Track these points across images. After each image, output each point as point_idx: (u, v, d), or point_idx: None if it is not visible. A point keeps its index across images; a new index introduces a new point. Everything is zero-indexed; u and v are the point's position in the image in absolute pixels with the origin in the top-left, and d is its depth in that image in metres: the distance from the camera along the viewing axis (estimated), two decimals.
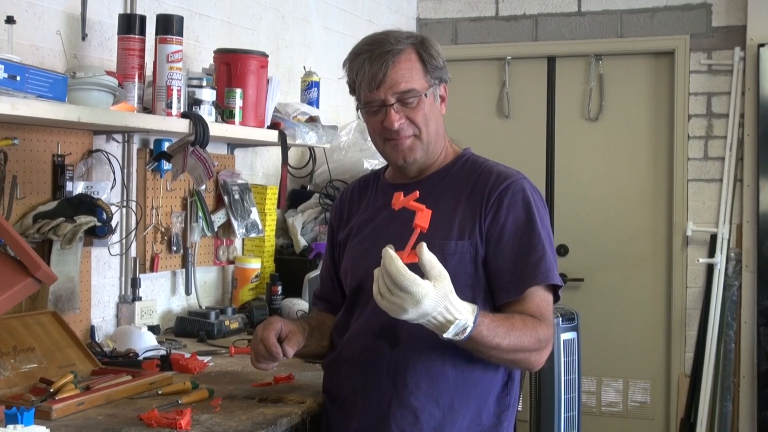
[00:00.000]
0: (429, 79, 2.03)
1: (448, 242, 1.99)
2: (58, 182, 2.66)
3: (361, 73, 2.01)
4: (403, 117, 2.00)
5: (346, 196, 2.27)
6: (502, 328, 1.86)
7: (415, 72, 2.01)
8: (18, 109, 2.17)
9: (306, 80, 3.76)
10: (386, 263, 1.69)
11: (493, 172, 2.06)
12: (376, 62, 1.98)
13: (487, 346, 1.85)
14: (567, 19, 5.11)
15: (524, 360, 1.95)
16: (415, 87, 2.00)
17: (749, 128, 4.74)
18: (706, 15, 4.85)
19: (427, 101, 2.02)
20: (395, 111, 2.00)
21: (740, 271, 4.77)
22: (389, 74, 1.98)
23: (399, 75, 1.99)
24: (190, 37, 3.23)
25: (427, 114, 2.03)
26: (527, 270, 1.96)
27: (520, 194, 2.01)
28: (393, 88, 1.99)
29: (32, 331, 2.30)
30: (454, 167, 2.10)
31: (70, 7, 2.72)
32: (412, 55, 2.01)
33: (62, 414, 1.99)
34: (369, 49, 2.01)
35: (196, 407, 2.08)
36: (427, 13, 5.35)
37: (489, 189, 2.02)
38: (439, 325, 1.75)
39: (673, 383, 4.95)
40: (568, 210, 5.13)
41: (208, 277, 3.45)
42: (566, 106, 5.19)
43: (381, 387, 1.99)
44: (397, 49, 1.99)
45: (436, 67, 2.04)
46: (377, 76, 1.98)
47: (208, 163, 2.85)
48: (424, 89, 2.02)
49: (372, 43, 2.03)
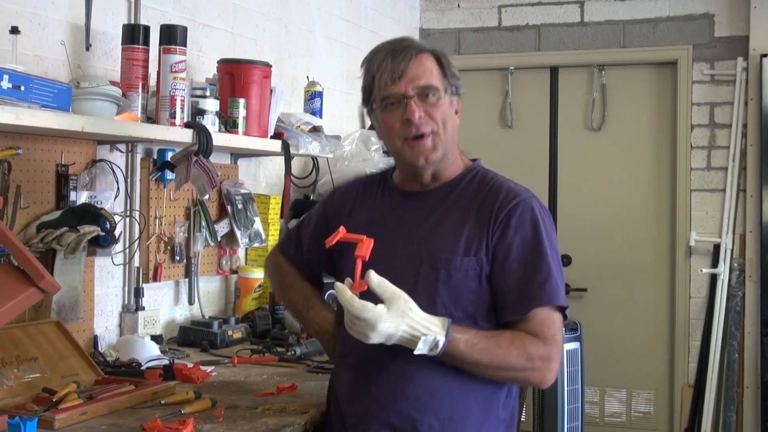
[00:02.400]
0: (447, 84, 2.05)
1: (453, 257, 1.98)
2: (62, 192, 2.66)
3: (382, 67, 2.01)
4: (422, 111, 2.00)
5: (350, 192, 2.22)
6: (483, 345, 1.89)
7: (435, 72, 2.03)
8: (22, 119, 2.17)
9: (309, 90, 3.77)
10: (338, 296, 1.82)
11: (502, 189, 2.04)
12: (398, 56, 2.01)
13: (467, 363, 1.89)
14: (570, 30, 5.12)
15: (521, 377, 1.98)
16: (437, 84, 2.02)
17: (752, 138, 4.74)
18: (709, 25, 4.86)
19: (445, 102, 2.04)
20: (415, 104, 2.00)
21: (743, 281, 4.77)
22: (411, 67, 2.00)
23: (420, 70, 2.01)
24: (194, 47, 3.23)
25: (445, 113, 2.03)
26: (532, 290, 1.96)
27: (529, 213, 2.00)
28: (414, 82, 2.00)
29: (35, 340, 2.30)
30: (464, 180, 2.09)
31: (74, 17, 2.73)
32: (432, 60, 2.04)
33: (65, 424, 1.99)
34: (391, 47, 2.04)
35: (198, 417, 2.08)
36: (430, 23, 5.36)
37: (498, 206, 2.01)
38: (408, 342, 1.83)
39: (676, 393, 4.94)
40: (571, 220, 5.12)
41: (211, 287, 3.45)
42: (569, 116, 5.20)
43: (380, 396, 1.99)
44: (420, 48, 2.04)
45: (453, 75, 2.07)
46: (399, 68, 2.00)
47: (211, 172, 2.85)
48: (444, 88, 2.04)
49: (394, 42, 2.07)
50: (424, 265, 2.00)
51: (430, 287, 1.97)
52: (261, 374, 2.65)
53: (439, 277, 1.98)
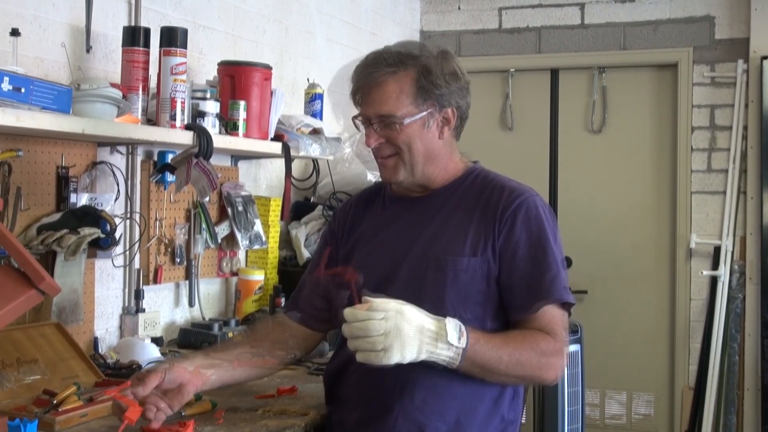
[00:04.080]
0: (420, 103, 1.99)
1: (461, 258, 1.98)
2: (62, 194, 2.66)
3: (354, 85, 2.04)
4: (382, 138, 2.01)
5: (349, 209, 2.24)
6: (496, 341, 1.88)
7: (403, 97, 1.98)
8: (22, 120, 2.17)
9: (309, 92, 3.77)
10: (348, 315, 1.75)
11: (505, 188, 2.05)
12: (364, 79, 2.00)
13: (487, 361, 1.86)
14: (570, 32, 5.12)
15: (534, 375, 1.95)
16: (395, 113, 1.98)
17: (752, 140, 4.74)
18: (709, 27, 4.86)
19: (413, 126, 1.99)
20: (374, 131, 2.01)
21: (744, 283, 4.76)
22: (371, 93, 2.00)
23: (383, 97, 1.99)
24: (194, 49, 3.23)
25: (410, 137, 2.00)
26: (541, 288, 1.96)
27: (534, 211, 2.01)
28: (374, 108, 2.00)
29: (36, 342, 2.30)
30: (465, 182, 2.09)
31: (74, 19, 2.73)
32: (406, 79, 1.98)
33: (65, 426, 1.99)
34: (365, 64, 2.02)
35: (199, 419, 2.08)
36: (431, 25, 5.36)
37: (502, 206, 2.01)
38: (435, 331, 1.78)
39: (676, 396, 4.94)
40: (571, 222, 5.11)
41: (212, 289, 3.45)
42: (569, 119, 5.20)
43: (387, 401, 1.99)
44: (388, 71, 1.98)
45: (433, 93, 2.00)
46: (362, 90, 2.01)
47: (211, 175, 2.85)
48: (408, 115, 1.98)
49: (374, 58, 2.02)
50: (431, 267, 2.00)
51: (437, 290, 1.97)
52: None
53: (447, 279, 1.98)
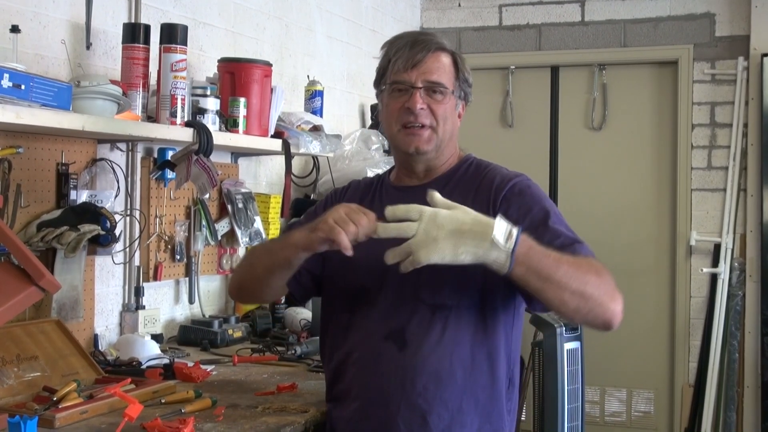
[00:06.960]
0: (457, 86, 2.09)
1: None
2: (62, 191, 2.66)
3: (399, 53, 2.05)
4: (425, 104, 2.04)
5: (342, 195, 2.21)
6: (556, 253, 1.83)
7: (449, 72, 2.08)
8: (22, 117, 2.17)
9: (310, 89, 3.77)
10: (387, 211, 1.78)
11: (497, 174, 2.08)
12: (417, 46, 2.05)
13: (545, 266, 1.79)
14: (570, 29, 5.12)
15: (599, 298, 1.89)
16: (446, 83, 2.06)
17: (753, 138, 4.74)
18: (710, 25, 4.86)
19: (450, 102, 2.07)
20: (420, 96, 2.03)
21: (744, 280, 4.77)
22: (426, 60, 2.04)
23: (435, 66, 2.05)
24: (194, 46, 3.23)
25: (447, 112, 2.07)
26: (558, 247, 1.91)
27: (528, 190, 2.04)
28: (425, 75, 2.04)
29: (36, 339, 2.30)
30: (459, 170, 2.13)
31: (74, 16, 2.73)
32: (449, 60, 2.09)
33: (65, 422, 1.99)
34: (414, 37, 2.09)
35: (199, 416, 2.08)
36: (431, 22, 5.36)
37: (495, 190, 2.04)
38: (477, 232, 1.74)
39: (676, 393, 4.94)
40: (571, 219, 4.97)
41: (212, 286, 3.45)
42: (570, 116, 5.20)
43: (389, 389, 1.99)
44: (441, 46, 2.07)
45: (465, 80, 2.11)
46: (415, 57, 2.04)
47: (211, 172, 2.85)
48: (452, 89, 2.07)
49: (418, 33, 2.13)
50: None
51: (436, 275, 1.97)
52: (261, 373, 2.65)
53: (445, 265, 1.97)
